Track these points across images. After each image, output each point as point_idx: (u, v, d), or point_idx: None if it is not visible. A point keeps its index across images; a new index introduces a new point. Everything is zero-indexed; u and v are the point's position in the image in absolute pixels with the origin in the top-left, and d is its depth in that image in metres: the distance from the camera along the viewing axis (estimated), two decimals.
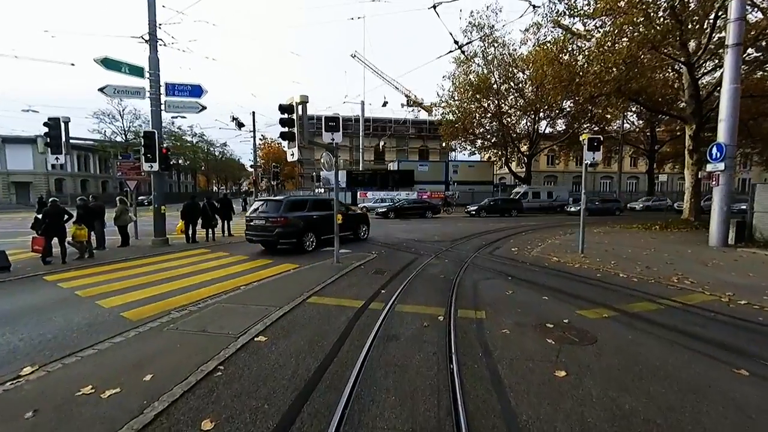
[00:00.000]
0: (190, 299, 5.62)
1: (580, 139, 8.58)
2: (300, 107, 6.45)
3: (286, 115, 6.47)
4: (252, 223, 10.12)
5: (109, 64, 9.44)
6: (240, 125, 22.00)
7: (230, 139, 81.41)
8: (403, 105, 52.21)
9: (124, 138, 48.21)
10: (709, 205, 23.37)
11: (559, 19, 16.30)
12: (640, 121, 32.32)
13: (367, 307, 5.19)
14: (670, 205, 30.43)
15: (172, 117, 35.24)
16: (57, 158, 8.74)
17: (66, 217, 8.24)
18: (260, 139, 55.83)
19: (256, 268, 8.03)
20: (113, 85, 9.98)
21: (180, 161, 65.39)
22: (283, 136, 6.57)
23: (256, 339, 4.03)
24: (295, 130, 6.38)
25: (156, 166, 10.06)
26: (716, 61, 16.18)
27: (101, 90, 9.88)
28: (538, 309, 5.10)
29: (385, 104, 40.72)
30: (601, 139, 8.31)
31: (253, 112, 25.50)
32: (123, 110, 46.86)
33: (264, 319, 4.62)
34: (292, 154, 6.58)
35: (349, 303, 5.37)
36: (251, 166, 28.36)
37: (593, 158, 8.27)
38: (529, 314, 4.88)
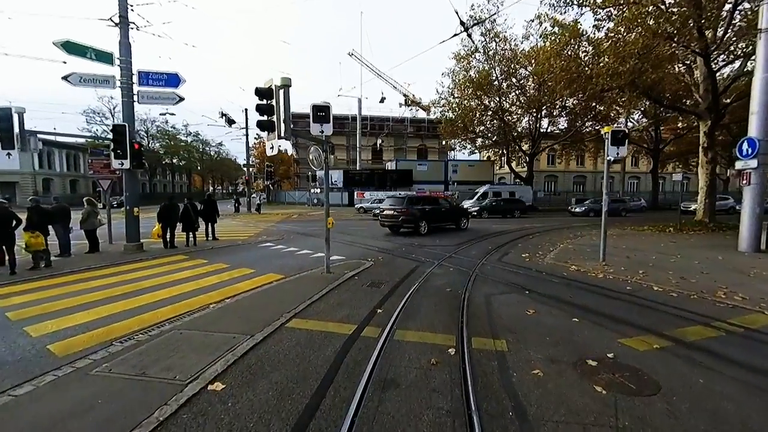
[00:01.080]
0: (143, 323, 4.61)
1: (602, 132, 7.62)
2: (281, 92, 5.45)
3: (264, 101, 5.47)
4: (384, 213, 14.22)
5: (71, 48, 8.39)
6: (230, 122, 20.85)
7: (222, 137, 79.80)
8: (401, 105, 51.27)
9: None
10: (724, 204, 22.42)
11: (566, 11, 15.34)
12: (644, 120, 31.49)
13: (360, 335, 4.21)
14: (644, 206, 29.54)
15: (161, 114, 34.25)
16: (9, 154, 7.70)
17: (15, 222, 7.20)
18: (255, 137, 54.63)
19: (236, 279, 7.02)
20: (79, 73, 8.94)
21: (174, 161, 64.24)
22: (260, 125, 5.55)
23: (209, 387, 3.03)
24: (275, 118, 5.38)
25: (127, 164, 9.04)
26: (730, 53, 15.31)
27: (65, 78, 8.84)
28: (570, 336, 4.13)
29: (382, 100, 39.73)
30: (627, 131, 7.36)
31: (246, 110, 24.48)
32: (114, 108, 45.38)
33: (227, 355, 3.62)
34: (272, 147, 5.59)
35: (338, 329, 4.37)
36: (244, 166, 27.29)
37: (617, 154, 7.32)
38: (561, 344, 3.91)
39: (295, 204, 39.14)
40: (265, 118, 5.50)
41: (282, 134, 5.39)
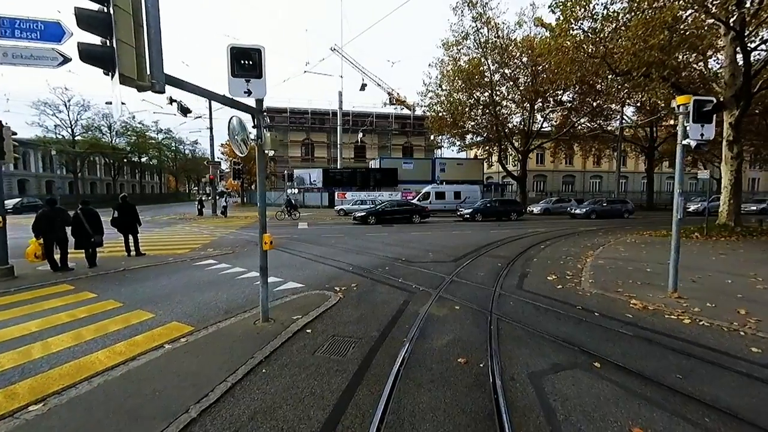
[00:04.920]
0: None
1: (674, 104, 5.21)
2: None
3: (95, 7, 2.65)
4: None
5: None
6: (184, 111, 17.62)
7: (181, 129, 73.21)
8: (385, 104, 48.58)
9: (70, 132, 42.57)
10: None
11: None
12: (641, 116, 30.00)
13: None
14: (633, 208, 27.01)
15: (107, 103, 30.58)
16: None
17: None
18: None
19: (108, 338, 4.21)
20: None
21: (143, 159, 59.58)
22: (85, 54, 2.54)
23: None
24: (114, 40, 2.57)
25: None
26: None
27: None
28: None
29: (363, 87, 36.90)
30: (714, 100, 4.97)
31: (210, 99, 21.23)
32: (69, 100, 41.08)
33: None
34: (110, 102, 2.85)
35: None
36: (208, 163, 24.10)
37: (701, 135, 4.91)
38: None
39: (271, 205, 35.87)
40: (98, 42, 2.69)
41: (139, 79, 2.65)
